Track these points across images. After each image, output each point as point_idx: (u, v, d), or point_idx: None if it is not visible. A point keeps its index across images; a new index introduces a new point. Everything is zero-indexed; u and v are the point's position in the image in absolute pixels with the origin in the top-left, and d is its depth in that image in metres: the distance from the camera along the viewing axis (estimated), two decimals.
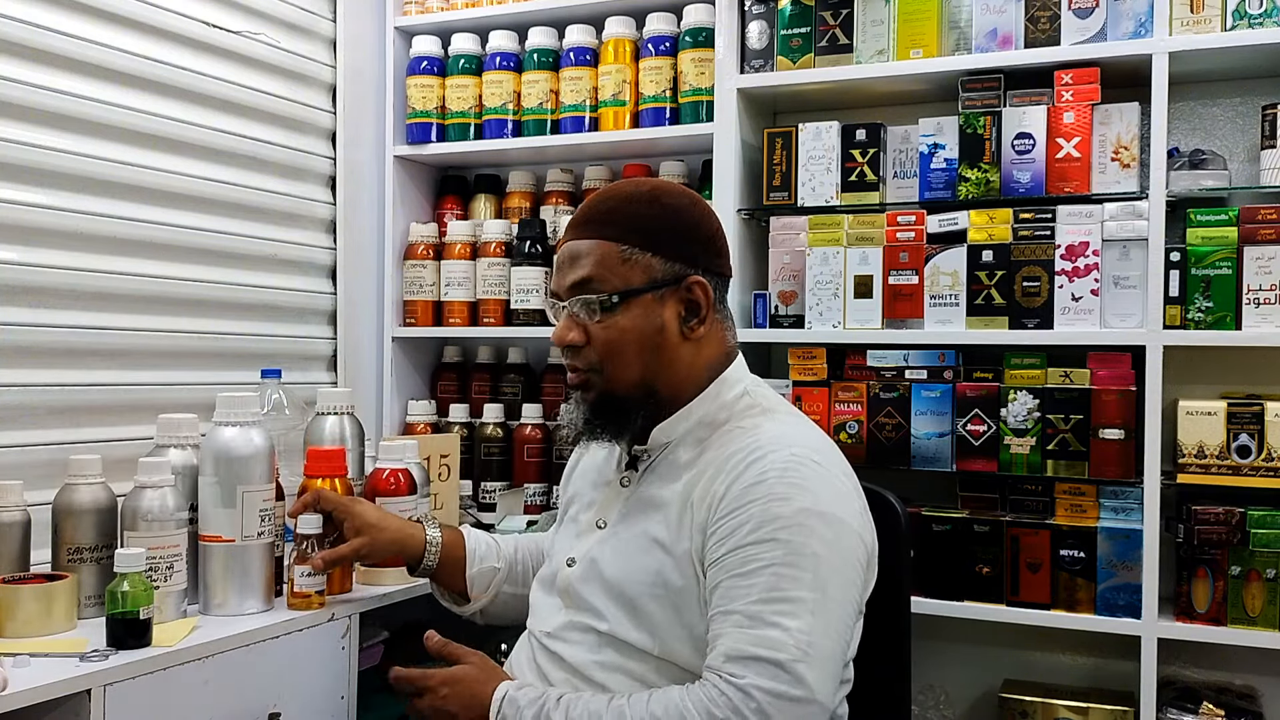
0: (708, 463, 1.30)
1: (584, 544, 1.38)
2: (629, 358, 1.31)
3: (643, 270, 1.31)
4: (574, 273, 1.32)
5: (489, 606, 1.60)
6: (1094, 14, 1.91)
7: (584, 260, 1.31)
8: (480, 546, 1.59)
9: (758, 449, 1.25)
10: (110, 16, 1.87)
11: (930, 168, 2.02)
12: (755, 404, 1.36)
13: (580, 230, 1.34)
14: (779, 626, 1.15)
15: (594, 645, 1.32)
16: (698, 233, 1.35)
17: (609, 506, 1.39)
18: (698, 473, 1.30)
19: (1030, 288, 1.93)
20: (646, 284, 1.31)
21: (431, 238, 2.47)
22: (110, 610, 1.35)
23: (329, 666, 1.58)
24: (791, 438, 1.28)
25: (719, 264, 1.37)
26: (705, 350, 1.35)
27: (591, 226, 1.33)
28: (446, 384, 2.53)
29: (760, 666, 1.13)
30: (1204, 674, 1.96)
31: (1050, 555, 1.91)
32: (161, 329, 1.97)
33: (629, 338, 1.31)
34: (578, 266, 1.32)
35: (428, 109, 2.43)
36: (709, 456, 1.30)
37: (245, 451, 1.53)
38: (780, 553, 1.18)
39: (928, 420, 1.99)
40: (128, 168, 1.90)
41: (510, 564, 1.60)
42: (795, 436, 1.29)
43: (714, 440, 1.32)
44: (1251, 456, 1.80)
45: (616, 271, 1.30)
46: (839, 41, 2.07)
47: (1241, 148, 1.98)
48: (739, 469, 1.25)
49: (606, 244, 1.31)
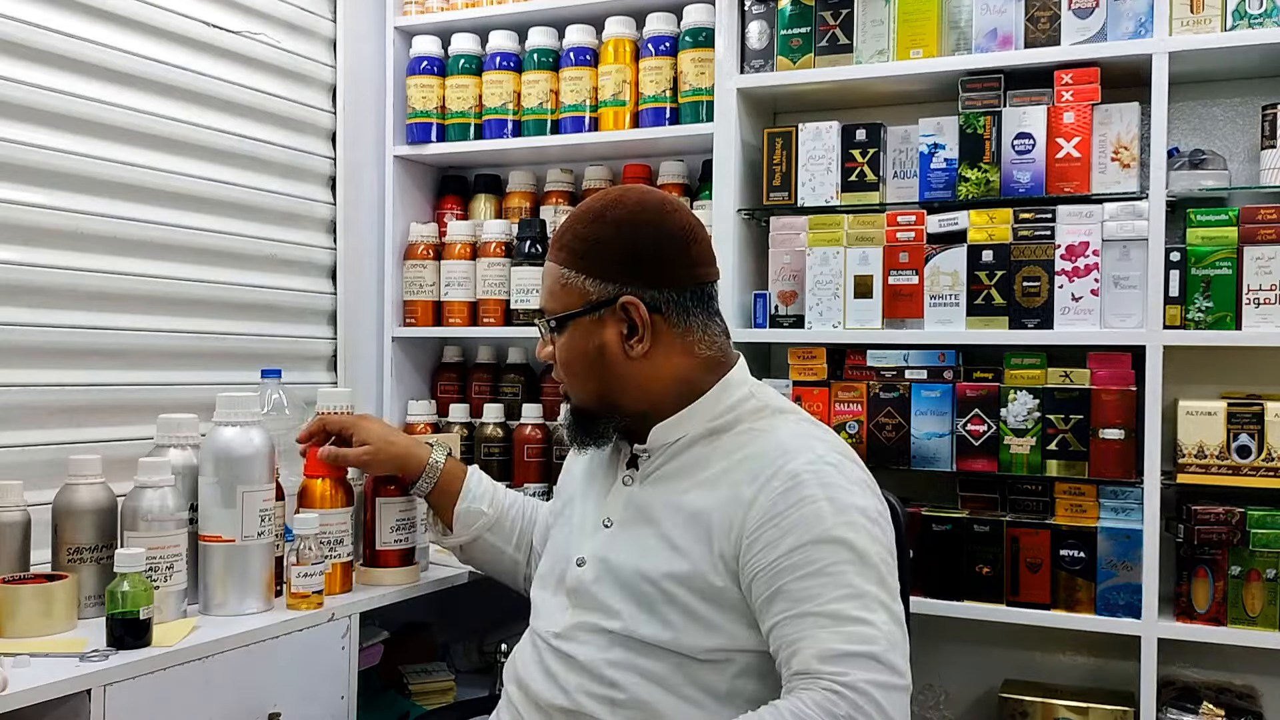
0: (729, 466, 1.31)
1: (591, 542, 1.39)
2: (580, 376, 1.39)
3: (578, 294, 1.35)
4: (540, 295, 1.44)
5: (468, 546, 1.66)
6: (1094, 14, 1.91)
7: (544, 284, 1.41)
8: (477, 487, 1.65)
9: (784, 453, 1.27)
10: (110, 16, 1.87)
11: (930, 168, 2.02)
12: (765, 405, 1.37)
13: (549, 252, 1.41)
14: (865, 622, 1.16)
15: (604, 644, 1.31)
16: (636, 251, 1.33)
17: (613, 505, 1.40)
18: (718, 474, 1.31)
19: (1030, 288, 1.93)
20: (581, 307, 1.35)
21: (431, 238, 2.47)
22: (110, 610, 1.35)
23: (329, 666, 1.58)
24: (812, 438, 1.31)
25: (673, 276, 1.34)
26: (666, 363, 1.35)
27: (552, 249, 1.40)
28: (446, 384, 2.53)
29: (861, 661, 1.13)
30: (1204, 674, 1.96)
31: (1050, 555, 1.91)
32: (161, 329, 1.97)
33: (574, 357, 1.38)
34: (541, 289, 1.43)
35: (428, 109, 2.43)
36: (727, 459, 1.31)
37: (245, 451, 1.53)
38: (844, 552, 1.19)
39: (928, 420, 1.99)
40: (128, 168, 1.90)
41: (500, 514, 1.64)
42: (816, 436, 1.32)
43: (726, 443, 1.33)
44: (1251, 456, 1.80)
45: (557, 296, 1.38)
46: (839, 41, 2.07)
47: (1241, 148, 1.98)
48: (767, 474, 1.26)
49: (554, 267, 1.39)
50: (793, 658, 1.17)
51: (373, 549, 1.78)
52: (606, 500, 1.41)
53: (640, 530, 1.34)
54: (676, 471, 1.35)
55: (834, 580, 1.18)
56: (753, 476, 1.27)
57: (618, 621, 1.31)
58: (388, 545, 1.75)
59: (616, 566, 1.34)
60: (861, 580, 1.18)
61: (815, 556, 1.20)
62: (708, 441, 1.34)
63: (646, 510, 1.35)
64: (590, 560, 1.37)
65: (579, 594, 1.36)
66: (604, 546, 1.37)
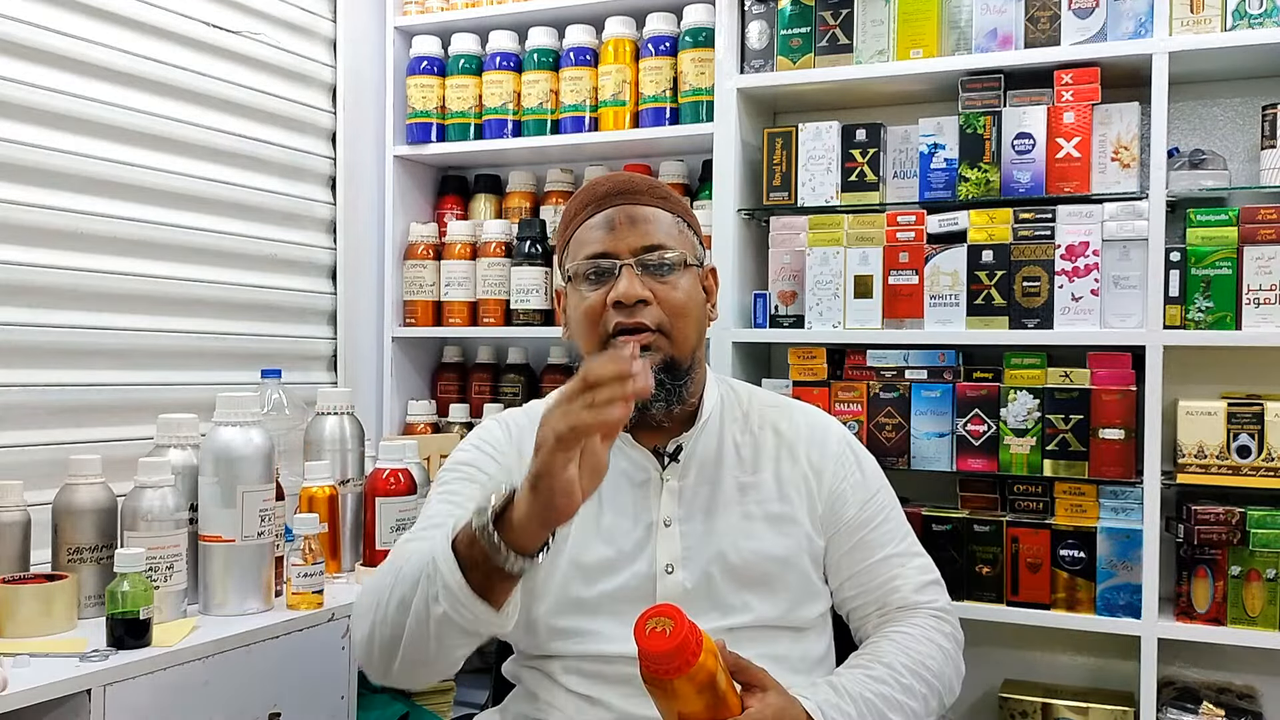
0: (783, 441, 1.37)
1: (664, 547, 1.29)
2: (694, 322, 1.32)
3: (691, 245, 1.35)
4: (639, 233, 1.30)
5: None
6: (1094, 14, 1.91)
7: (648, 224, 1.31)
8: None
9: (824, 421, 1.43)
10: (110, 16, 1.87)
11: (930, 168, 2.02)
12: (740, 383, 1.47)
13: (633, 197, 1.32)
14: (922, 554, 1.40)
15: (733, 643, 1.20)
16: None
17: (665, 505, 1.31)
18: (778, 448, 1.37)
19: (1030, 288, 1.93)
20: (696, 259, 1.35)
21: (431, 238, 2.47)
22: (110, 610, 1.35)
23: (329, 666, 1.58)
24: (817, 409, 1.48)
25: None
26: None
27: (645, 196, 1.33)
28: (446, 384, 2.53)
29: (935, 589, 1.38)
30: (1204, 674, 1.97)
31: (1050, 555, 1.91)
32: (161, 329, 1.97)
33: (693, 302, 1.32)
34: (642, 228, 1.30)
35: (428, 109, 2.43)
36: (777, 436, 1.38)
37: (245, 451, 1.53)
38: (889, 498, 1.40)
39: (928, 420, 1.99)
40: (128, 168, 1.90)
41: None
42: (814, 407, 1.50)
43: (755, 421, 1.39)
44: (1251, 456, 1.80)
45: (677, 240, 1.32)
46: (839, 41, 2.07)
47: (1241, 148, 1.98)
48: (824, 439, 1.39)
49: (666, 214, 1.33)
50: (892, 594, 1.34)
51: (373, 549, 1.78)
52: (647, 503, 1.31)
53: (723, 519, 1.31)
54: (717, 457, 1.35)
55: (896, 523, 1.39)
56: (816, 444, 1.38)
57: (747, 614, 1.28)
58: (387, 545, 1.76)
59: (725, 559, 1.29)
60: (904, 519, 1.41)
61: (880, 505, 1.38)
62: (741, 425, 1.38)
63: (713, 499, 1.32)
64: (682, 563, 1.29)
65: (687, 601, 1.24)
66: (691, 545, 1.30)
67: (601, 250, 1.29)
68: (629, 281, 1.27)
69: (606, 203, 1.32)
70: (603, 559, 1.29)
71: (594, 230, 1.31)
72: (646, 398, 1.07)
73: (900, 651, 1.28)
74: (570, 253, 1.33)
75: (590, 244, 1.30)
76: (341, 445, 1.88)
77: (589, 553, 1.30)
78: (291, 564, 1.58)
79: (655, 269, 1.29)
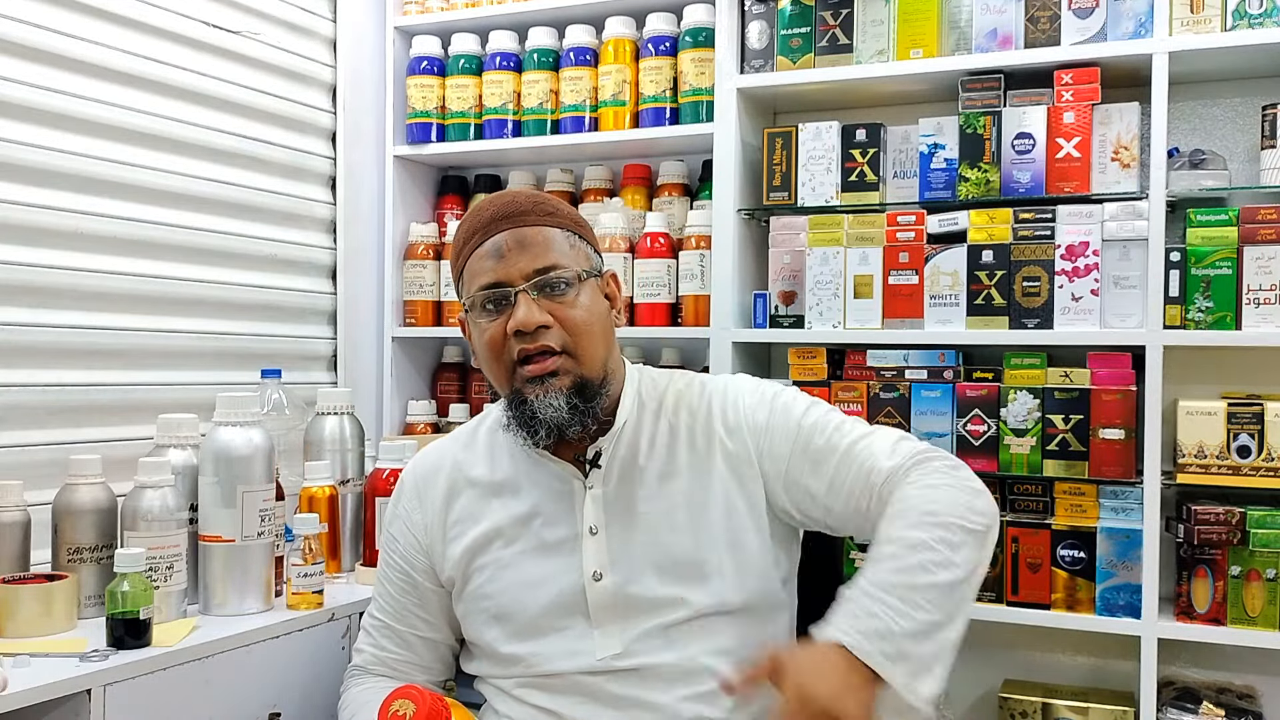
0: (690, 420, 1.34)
1: (592, 556, 1.29)
2: (599, 338, 1.30)
3: (585, 257, 1.33)
4: (529, 256, 1.28)
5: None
6: (1094, 14, 1.91)
7: (537, 246, 1.28)
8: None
9: (726, 384, 1.38)
10: (110, 15, 1.87)
11: (930, 168, 2.02)
12: (661, 372, 1.42)
13: (519, 220, 1.30)
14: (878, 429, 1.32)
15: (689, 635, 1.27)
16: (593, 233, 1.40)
17: (589, 514, 1.30)
18: (689, 431, 1.34)
19: (1030, 288, 1.93)
20: (591, 269, 1.32)
21: (431, 238, 2.47)
22: (110, 610, 1.35)
23: (329, 666, 1.58)
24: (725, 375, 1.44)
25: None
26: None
27: (531, 216, 1.30)
28: (446, 384, 2.53)
29: (906, 444, 1.29)
30: (1204, 674, 1.97)
31: (1050, 555, 1.91)
32: (161, 329, 1.97)
33: (595, 317, 1.30)
34: (531, 250, 1.28)
35: (428, 109, 2.43)
36: (685, 417, 1.35)
37: (245, 451, 1.53)
38: (821, 409, 1.34)
39: (928, 420, 1.99)
40: (128, 168, 1.90)
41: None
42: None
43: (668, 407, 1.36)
44: (1251, 456, 1.80)
45: (569, 257, 1.30)
46: (839, 41, 2.07)
47: (1241, 148, 1.98)
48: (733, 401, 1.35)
49: (555, 231, 1.30)
50: (872, 474, 1.26)
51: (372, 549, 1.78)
52: (572, 514, 1.31)
53: (646, 517, 1.30)
54: (636, 454, 1.33)
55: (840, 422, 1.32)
56: (730, 405, 1.34)
57: (684, 609, 1.26)
58: None
59: (651, 556, 1.28)
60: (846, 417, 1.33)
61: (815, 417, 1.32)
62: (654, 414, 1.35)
63: (635, 498, 1.31)
64: (610, 568, 1.28)
65: (618, 606, 1.28)
66: (617, 548, 1.29)
67: (494, 280, 1.28)
68: (526, 308, 1.25)
69: (493, 229, 1.29)
70: (537, 576, 1.31)
71: (484, 260, 1.29)
72: None
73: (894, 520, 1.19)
74: (465, 284, 1.32)
75: (482, 274, 1.29)
76: (341, 445, 1.88)
77: (524, 571, 1.32)
78: (291, 564, 1.58)
79: (551, 290, 1.28)
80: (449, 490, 1.39)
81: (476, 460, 1.39)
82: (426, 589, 1.40)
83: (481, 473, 1.38)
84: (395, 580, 1.41)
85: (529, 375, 1.27)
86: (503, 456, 1.37)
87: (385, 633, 1.43)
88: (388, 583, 1.42)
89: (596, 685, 1.27)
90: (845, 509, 1.29)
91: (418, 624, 1.41)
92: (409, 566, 1.40)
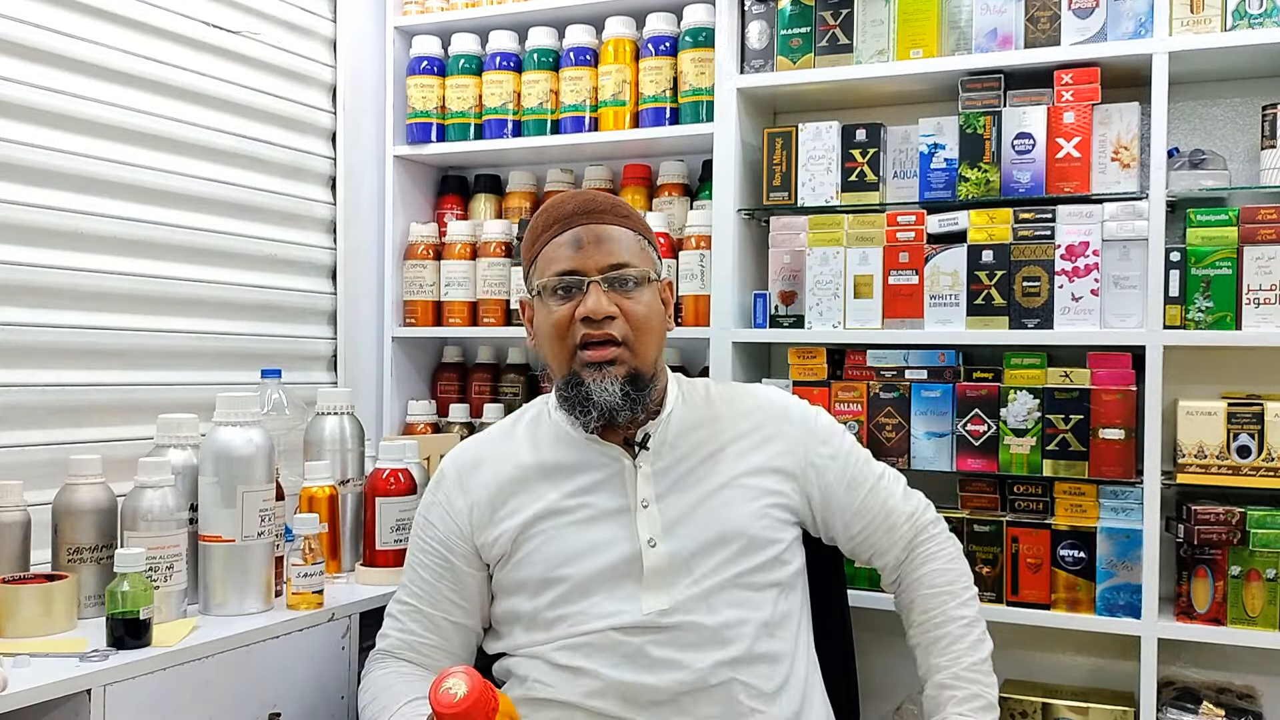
0: (739, 413, 1.50)
1: (647, 523, 1.40)
2: (656, 335, 1.44)
3: (650, 260, 1.46)
4: (605, 251, 1.40)
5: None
6: (1094, 14, 1.91)
7: (613, 243, 1.41)
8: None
9: (776, 396, 1.57)
10: (110, 15, 1.87)
11: (930, 168, 2.02)
12: (705, 381, 1.59)
13: (598, 216, 1.42)
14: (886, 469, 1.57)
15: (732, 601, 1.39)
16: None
17: (642, 488, 1.42)
18: (735, 421, 1.49)
19: (1030, 288, 1.93)
20: (655, 274, 1.46)
21: (431, 238, 2.47)
22: (110, 610, 1.35)
23: (329, 666, 1.58)
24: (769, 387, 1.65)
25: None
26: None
27: (608, 216, 1.43)
28: (446, 384, 2.53)
29: (914, 496, 1.57)
30: (1204, 674, 1.96)
31: (1050, 555, 1.91)
32: (161, 329, 1.97)
33: (655, 315, 1.44)
34: (607, 246, 1.41)
35: (428, 109, 2.43)
36: (725, 409, 1.50)
37: (245, 451, 1.53)
38: (850, 442, 1.56)
39: (928, 420, 1.99)
40: (128, 168, 1.90)
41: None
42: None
43: (716, 401, 1.52)
44: (1251, 456, 1.80)
45: (639, 258, 1.43)
46: (839, 41, 2.07)
47: (1241, 148, 1.98)
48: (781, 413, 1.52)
49: (628, 232, 1.44)
50: (891, 515, 1.52)
51: (373, 549, 1.78)
52: (623, 490, 1.42)
53: (695, 490, 1.43)
54: (684, 435, 1.46)
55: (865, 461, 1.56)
56: (777, 416, 1.51)
57: (727, 572, 1.38)
58: (387, 545, 1.76)
59: (702, 526, 1.40)
60: (862, 450, 1.57)
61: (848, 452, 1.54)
62: (702, 407, 1.50)
63: (686, 474, 1.43)
64: (664, 536, 1.39)
65: (671, 571, 1.38)
66: (670, 519, 1.40)
67: (569, 268, 1.40)
68: (597, 297, 1.38)
69: (573, 222, 1.42)
70: (591, 543, 1.40)
71: (562, 248, 1.41)
72: None
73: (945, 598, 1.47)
74: (538, 269, 1.44)
75: (558, 261, 1.41)
76: (341, 445, 1.88)
77: (579, 538, 1.41)
78: (291, 564, 1.58)
79: (620, 285, 1.40)
80: (496, 475, 1.46)
81: (520, 449, 1.48)
82: (464, 572, 1.46)
83: (529, 459, 1.46)
84: (430, 565, 1.48)
85: (588, 360, 1.39)
86: (547, 445, 1.47)
87: (415, 616, 1.47)
88: (421, 568, 1.48)
89: (636, 646, 1.34)
90: (860, 533, 1.51)
91: (450, 608, 1.47)
92: (447, 551, 1.47)
